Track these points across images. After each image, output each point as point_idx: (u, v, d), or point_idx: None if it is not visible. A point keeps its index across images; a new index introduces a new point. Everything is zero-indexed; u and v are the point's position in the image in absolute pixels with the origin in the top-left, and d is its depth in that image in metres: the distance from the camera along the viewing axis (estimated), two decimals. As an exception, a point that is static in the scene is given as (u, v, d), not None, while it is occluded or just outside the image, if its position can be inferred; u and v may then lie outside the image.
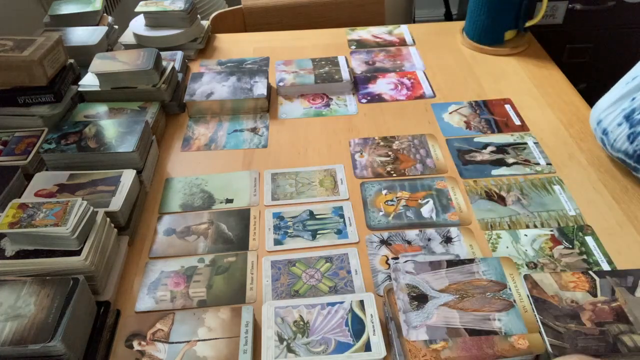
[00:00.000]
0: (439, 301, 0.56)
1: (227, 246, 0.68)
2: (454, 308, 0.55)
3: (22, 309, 0.52)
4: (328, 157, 0.83)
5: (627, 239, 0.67)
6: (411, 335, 0.52)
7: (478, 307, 0.55)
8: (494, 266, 0.59)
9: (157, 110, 0.88)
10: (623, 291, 0.55)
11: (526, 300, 0.56)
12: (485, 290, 0.57)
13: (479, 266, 0.60)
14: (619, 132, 0.67)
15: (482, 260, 0.60)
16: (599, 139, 0.73)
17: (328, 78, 0.99)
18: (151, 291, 0.63)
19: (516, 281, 0.58)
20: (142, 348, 0.55)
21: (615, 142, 0.68)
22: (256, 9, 1.38)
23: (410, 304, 0.55)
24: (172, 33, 1.09)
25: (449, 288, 0.57)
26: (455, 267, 0.59)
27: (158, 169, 0.83)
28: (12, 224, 0.59)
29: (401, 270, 0.59)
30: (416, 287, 0.57)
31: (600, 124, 0.70)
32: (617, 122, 0.67)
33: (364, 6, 1.40)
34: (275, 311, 0.57)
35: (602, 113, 0.70)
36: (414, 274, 0.59)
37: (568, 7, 1.27)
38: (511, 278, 0.58)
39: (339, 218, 0.72)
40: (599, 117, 0.71)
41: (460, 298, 0.56)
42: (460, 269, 0.59)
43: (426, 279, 0.58)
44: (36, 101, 0.82)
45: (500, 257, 0.61)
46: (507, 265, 0.60)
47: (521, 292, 0.56)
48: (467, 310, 0.54)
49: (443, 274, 0.59)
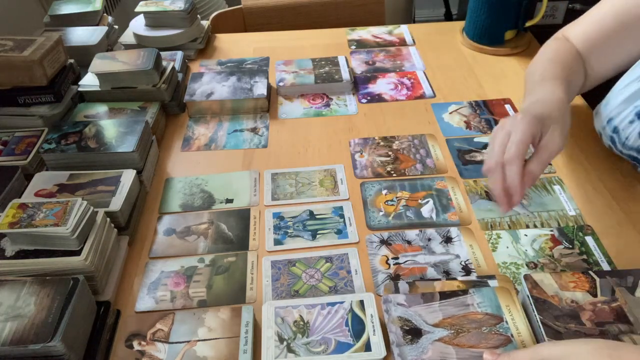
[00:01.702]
0: (434, 336, 0.54)
1: (227, 246, 0.68)
2: (449, 344, 0.54)
3: (22, 309, 0.52)
4: (328, 157, 0.83)
5: (627, 239, 0.67)
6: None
7: (474, 344, 0.53)
8: (489, 297, 0.58)
9: (157, 110, 0.88)
10: (623, 291, 0.55)
11: (524, 333, 0.54)
12: (480, 324, 0.55)
13: (474, 298, 0.58)
14: (631, 130, 0.68)
15: (477, 291, 0.59)
16: (607, 137, 0.73)
17: (328, 78, 0.99)
18: (151, 291, 0.63)
19: (512, 313, 0.56)
20: (142, 348, 0.56)
21: (627, 140, 0.69)
22: (256, 9, 1.38)
23: (403, 338, 0.54)
24: (172, 33, 1.09)
25: (443, 322, 0.56)
26: (449, 300, 0.58)
27: (158, 169, 0.83)
28: (12, 224, 0.59)
29: (392, 302, 0.58)
30: (409, 321, 0.56)
31: (610, 122, 0.71)
32: (629, 119, 0.68)
33: (364, 6, 1.40)
34: (275, 311, 0.57)
35: (613, 111, 0.70)
36: (405, 306, 0.57)
37: (568, 7, 1.27)
38: (507, 310, 0.57)
39: (339, 218, 0.72)
40: (609, 115, 0.71)
41: (455, 333, 0.54)
42: (454, 302, 0.58)
43: (419, 312, 0.57)
44: (36, 101, 0.82)
45: (495, 287, 0.59)
46: (502, 295, 0.58)
47: (518, 324, 0.55)
48: (464, 347, 0.53)
49: (436, 306, 0.57)
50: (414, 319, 0.56)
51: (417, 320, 0.56)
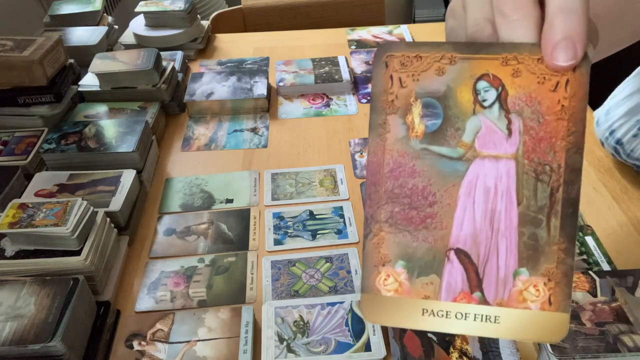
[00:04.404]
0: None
1: (227, 246, 0.68)
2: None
3: (22, 309, 0.52)
4: (328, 157, 0.83)
5: (627, 239, 0.67)
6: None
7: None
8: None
9: (157, 110, 0.88)
10: (623, 291, 0.55)
11: None
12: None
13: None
14: (636, 143, 0.69)
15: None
16: (610, 147, 0.73)
17: (328, 78, 0.99)
18: (151, 291, 0.63)
19: None
20: (142, 348, 0.55)
21: (633, 152, 0.70)
22: (256, 9, 1.38)
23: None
24: (172, 33, 1.09)
25: None
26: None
27: (158, 169, 0.83)
28: (12, 224, 0.59)
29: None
30: None
31: (613, 134, 0.71)
32: (633, 133, 0.68)
33: (364, 6, 1.40)
34: (275, 311, 0.57)
35: (615, 123, 0.71)
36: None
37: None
38: None
39: (339, 218, 0.72)
40: (611, 127, 0.71)
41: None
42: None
43: None
44: (36, 101, 0.82)
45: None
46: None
47: None
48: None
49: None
50: None
51: None
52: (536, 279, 0.28)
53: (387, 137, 0.30)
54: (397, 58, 0.29)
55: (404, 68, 0.29)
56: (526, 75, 0.28)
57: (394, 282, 0.29)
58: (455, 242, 0.29)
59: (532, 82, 0.28)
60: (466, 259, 0.28)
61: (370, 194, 0.30)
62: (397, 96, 0.30)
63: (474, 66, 0.28)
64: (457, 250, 0.29)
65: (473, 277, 0.28)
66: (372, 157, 0.30)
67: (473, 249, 0.28)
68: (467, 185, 0.29)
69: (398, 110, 0.30)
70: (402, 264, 0.29)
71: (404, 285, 0.29)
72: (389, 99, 0.30)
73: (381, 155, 0.30)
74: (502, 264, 0.28)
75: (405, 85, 0.29)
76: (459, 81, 0.29)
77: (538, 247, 0.28)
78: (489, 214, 0.28)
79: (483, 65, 0.28)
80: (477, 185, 0.29)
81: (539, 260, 0.28)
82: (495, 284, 0.28)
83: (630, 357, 0.50)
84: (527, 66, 0.28)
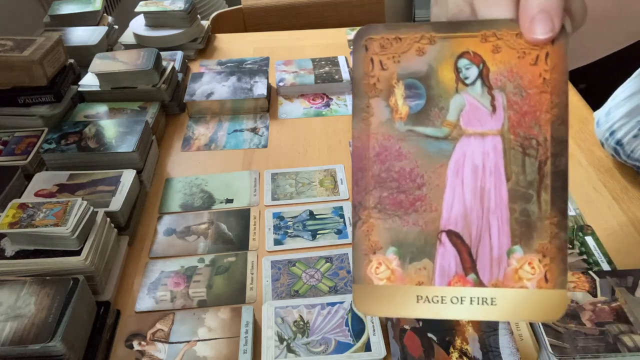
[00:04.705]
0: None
1: (227, 246, 0.68)
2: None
3: (22, 309, 0.52)
4: (328, 157, 0.83)
5: (627, 239, 0.67)
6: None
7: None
8: None
9: (157, 110, 0.88)
10: (623, 291, 0.55)
11: (524, 332, 0.53)
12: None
13: None
14: (636, 144, 0.69)
15: None
16: (610, 147, 0.73)
17: (328, 78, 0.99)
18: (151, 291, 0.63)
19: None
20: (142, 348, 0.55)
21: (633, 153, 0.70)
22: (256, 9, 1.38)
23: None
24: (172, 33, 1.09)
25: None
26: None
27: (158, 169, 0.83)
28: (12, 224, 0.59)
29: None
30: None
31: (613, 135, 0.71)
32: (633, 134, 0.68)
33: (364, 6, 1.40)
34: (275, 311, 0.57)
35: (616, 124, 0.70)
36: None
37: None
38: None
39: (339, 218, 0.72)
40: (611, 128, 0.71)
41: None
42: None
43: None
44: (36, 101, 0.82)
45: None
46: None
47: (519, 323, 0.52)
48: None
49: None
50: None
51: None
52: (531, 256, 0.27)
53: (371, 121, 0.29)
54: (376, 41, 0.29)
55: (384, 50, 0.29)
56: (506, 50, 0.28)
57: (386, 269, 0.28)
58: (446, 224, 0.28)
59: (513, 57, 0.28)
60: (458, 241, 0.28)
61: (357, 180, 0.29)
62: (379, 79, 0.29)
63: (453, 45, 0.28)
64: (448, 232, 0.28)
65: (466, 259, 0.28)
66: (357, 142, 0.29)
67: (465, 229, 0.28)
68: (455, 164, 0.28)
69: (380, 93, 0.29)
70: (393, 250, 0.29)
71: (396, 273, 0.28)
72: (370, 82, 0.29)
73: (366, 139, 0.29)
74: (495, 243, 0.28)
75: (387, 68, 0.29)
76: (440, 60, 0.29)
77: (530, 223, 0.27)
78: (479, 192, 0.28)
79: (463, 43, 0.28)
80: (465, 163, 0.28)
81: (532, 237, 0.27)
82: (489, 264, 0.28)
83: (630, 357, 0.50)
84: (506, 42, 0.28)
